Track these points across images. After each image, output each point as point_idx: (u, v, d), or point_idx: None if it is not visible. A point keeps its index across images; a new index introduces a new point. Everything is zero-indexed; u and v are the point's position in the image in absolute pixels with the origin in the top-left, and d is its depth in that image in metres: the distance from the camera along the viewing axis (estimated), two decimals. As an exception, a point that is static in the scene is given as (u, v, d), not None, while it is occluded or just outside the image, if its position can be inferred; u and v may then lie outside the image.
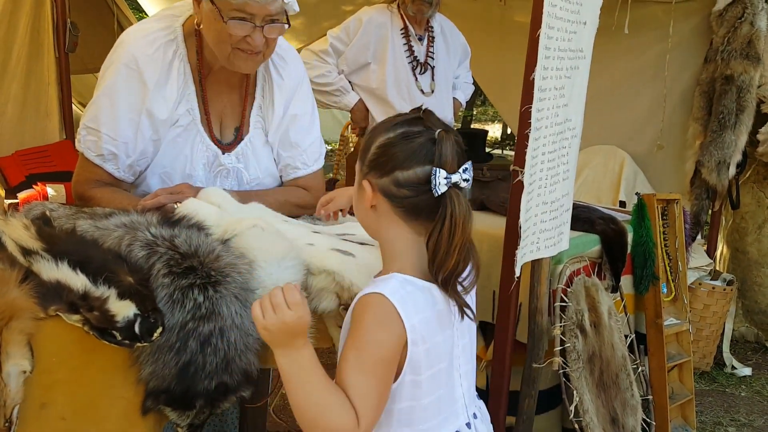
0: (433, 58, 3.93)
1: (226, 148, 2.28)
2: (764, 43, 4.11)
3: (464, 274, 1.58)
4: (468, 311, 1.59)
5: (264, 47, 2.12)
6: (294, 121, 2.38)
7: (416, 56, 3.88)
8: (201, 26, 2.14)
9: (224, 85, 2.29)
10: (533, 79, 2.37)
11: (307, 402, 1.45)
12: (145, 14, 7.34)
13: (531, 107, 2.38)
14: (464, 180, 1.52)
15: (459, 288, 1.58)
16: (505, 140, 14.34)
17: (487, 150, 6.58)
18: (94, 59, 6.56)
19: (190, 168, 2.22)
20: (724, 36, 4.13)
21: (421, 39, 3.91)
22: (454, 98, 4.13)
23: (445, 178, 1.49)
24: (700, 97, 4.29)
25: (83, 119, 2.18)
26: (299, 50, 6.31)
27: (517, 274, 2.45)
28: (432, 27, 3.96)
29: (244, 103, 2.32)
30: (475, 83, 4.43)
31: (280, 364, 1.46)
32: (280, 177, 2.42)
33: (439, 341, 1.57)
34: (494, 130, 15.48)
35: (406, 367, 1.52)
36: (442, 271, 1.51)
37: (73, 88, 4.97)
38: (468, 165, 1.54)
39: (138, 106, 2.12)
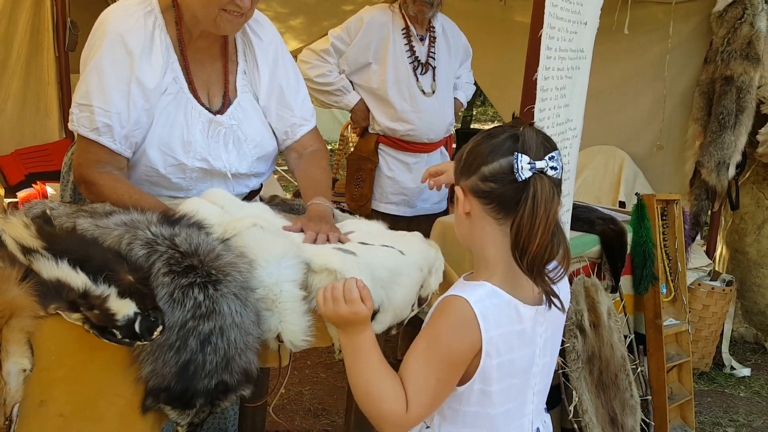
0: (434, 59, 3.93)
1: (217, 114, 2.28)
2: (764, 44, 4.12)
3: (552, 265, 1.56)
4: (556, 300, 1.56)
5: (248, 9, 2.18)
6: (286, 80, 2.43)
7: (417, 56, 3.88)
8: None
9: (206, 55, 2.30)
10: (535, 79, 2.37)
11: (359, 381, 1.55)
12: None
13: (533, 107, 2.38)
14: (551, 168, 1.50)
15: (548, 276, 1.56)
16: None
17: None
18: (94, 58, 6.59)
19: (188, 135, 2.20)
20: (724, 37, 4.13)
21: (422, 39, 3.91)
22: (455, 98, 4.13)
23: (529, 163, 1.48)
24: (700, 98, 4.30)
25: (74, 99, 2.16)
26: (300, 50, 6.34)
27: None
28: (433, 27, 3.96)
29: (226, 69, 2.35)
30: (475, 83, 4.42)
31: (341, 343, 1.58)
32: (284, 140, 2.45)
33: (515, 358, 1.57)
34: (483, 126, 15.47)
35: (476, 375, 1.53)
36: (527, 255, 1.49)
37: (73, 87, 4.97)
38: (555, 153, 1.52)
39: (127, 75, 2.12)
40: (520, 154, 1.48)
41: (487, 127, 16.10)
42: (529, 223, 1.46)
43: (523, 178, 1.48)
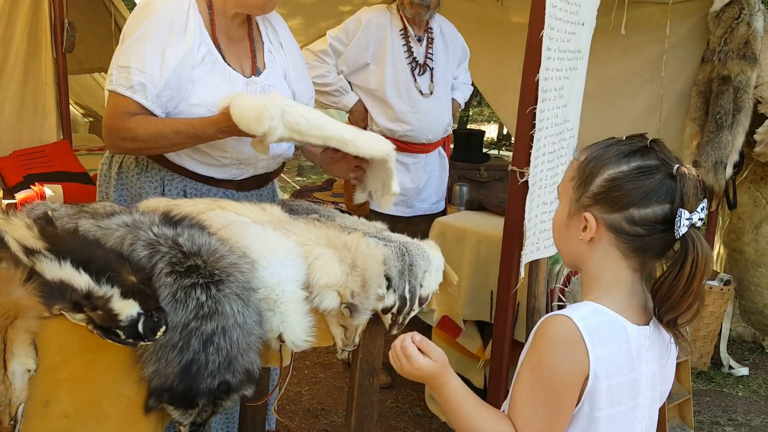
0: (432, 59, 3.95)
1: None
2: (761, 44, 4.13)
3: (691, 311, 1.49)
4: (683, 342, 1.52)
5: None
6: (300, 58, 2.73)
7: (415, 57, 3.90)
8: None
9: (235, 34, 2.52)
10: (537, 80, 2.37)
11: (460, 428, 1.53)
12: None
13: (536, 108, 2.39)
14: (700, 219, 1.43)
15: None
16: (502, 141, 14.35)
17: (484, 150, 6.60)
18: (91, 59, 6.58)
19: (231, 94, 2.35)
20: (721, 36, 4.14)
21: (420, 40, 3.93)
22: (453, 99, 4.15)
23: (687, 219, 1.41)
24: (697, 98, 4.30)
25: (114, 63, 2.35)
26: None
27: (522, 275, 2.46)
28: (431, 28, 3.97)
29: (252, 47, 2.57)
30: (472, 84, 4.43)
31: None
32: None
33: (624, 381, 1.49)
34: (490, 131, 15.49)
35: (584, 398, 1.46)
36: (671, 314, 1.44)
37: (71, 88, 4.97)
38: (705, 203, 1.44)
39: (163, 44, 2.32)
40: (682, 211, 1.41)
41: (483, 127, 16.05)
42: (684, 286, 1.41)
43: (681, 235, 1.41)
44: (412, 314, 2.01)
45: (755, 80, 4.13)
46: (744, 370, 4.48)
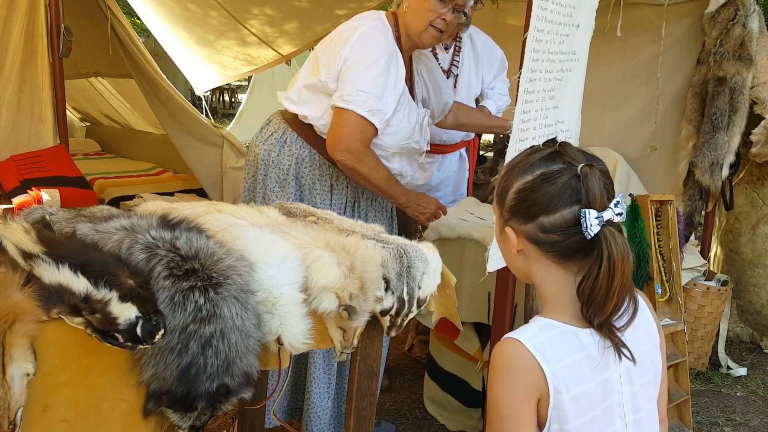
0: (457, 67, 3.99)
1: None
2: (756, 45, 4.14)
3: (620, 311, 1.46)
4: (625, 351, 1.46)
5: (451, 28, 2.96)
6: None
7: (440, 63, 3.95)
8: (407, 8, 2.95)
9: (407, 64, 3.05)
10: (518, 80, 2.39)
11: None
12: (138, 19, 7.34)
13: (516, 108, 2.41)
14: (617, 215, 1.40)
15: (617, 325, 1.46)
16: (498, 143, 14.33)
17: (481, 153, 6.60)
18: (87, 64, 6.58)
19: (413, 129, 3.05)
20: (716, 38, 4.15)
21: (447, 48, 3.98)
22: (482, 106, 4.17)
23: (597, 218, 1.38)
24: (693, 99, 4.31)
25: (351, 87, 2.80)
26: (293, 54, 6.32)
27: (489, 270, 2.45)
28: (460, 38, 4.02)
29: (412, 81, 3.16)
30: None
31: None
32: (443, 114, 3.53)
33: (590, 388, 1.46)
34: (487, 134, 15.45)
35: (550, 415, 1.42)
36: (599, 316, 1.41)
37: (67, 93, 4.96)
38: (619, 198, 1.42)
39: (393, 75, 2.86)
40: (587, 211, 1.38)
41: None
42: (605, 287, 1.39)
43: (593, 235, 1.38)
44: (411, 316, 2.01)
45: (751, 81, 4.14)
46: (742, 371, 4.48)
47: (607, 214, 1.39)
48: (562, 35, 2.54)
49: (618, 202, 1.41)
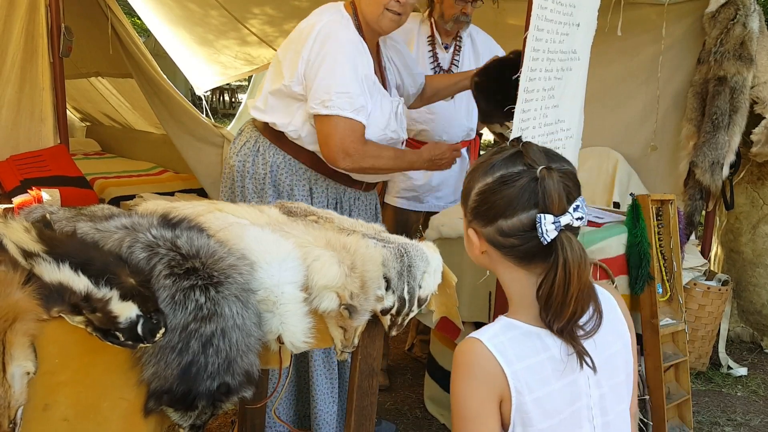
0: (457, 66, 4.00)
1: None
2: (757, 44, 4.14)
3: (585, 318, 1.44)
4: (587, 359, 1.44)
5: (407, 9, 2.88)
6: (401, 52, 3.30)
7: (440, 63, 3.95)
8: None
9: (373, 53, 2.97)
10: (516, 78, 2.39)
11: None
12: (139, 19, 7.34)
13: (513, 107, 2.41)
14: (577, 219, 1.38)
15: (580, 332, 1.44)
16: (498, 143, 14.35)
17: (482, 153, 6.60)
18: (88, 64, 6.58)
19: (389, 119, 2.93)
20: (716, 37, 4.15)
21: (447, 47, 3.99)
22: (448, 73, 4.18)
23: (553, 223, 1.36)
24: (693, 98, 4.31)
25: (326, 90, 2.72)
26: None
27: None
28: (460, 37, 4.02)
29: (382, 69, 3.10)
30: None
31: None
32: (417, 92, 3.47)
33: (554, 390, 1.43)
34: (488, 133, 15.46)
35: (513, 418, 1.41)
36: (558, 322, 1.39)
37: (68, 93, 4.96)
38: (580, 201, 1.40)
39: (362, 68, 2.80)
40: (543, 216, 1.36)
41: (480, 129, 16.05)
42: (561, 293, 1.37)
43: (549, 240, 1.37)
44: (411, 315, 2.01)
45: (751, 81, 4.13)
46: (743, 371, 4.48)
47: (565, 219, 1.37)
48: (562, 34, 2.55)
49: (578, 206, 1.39)
